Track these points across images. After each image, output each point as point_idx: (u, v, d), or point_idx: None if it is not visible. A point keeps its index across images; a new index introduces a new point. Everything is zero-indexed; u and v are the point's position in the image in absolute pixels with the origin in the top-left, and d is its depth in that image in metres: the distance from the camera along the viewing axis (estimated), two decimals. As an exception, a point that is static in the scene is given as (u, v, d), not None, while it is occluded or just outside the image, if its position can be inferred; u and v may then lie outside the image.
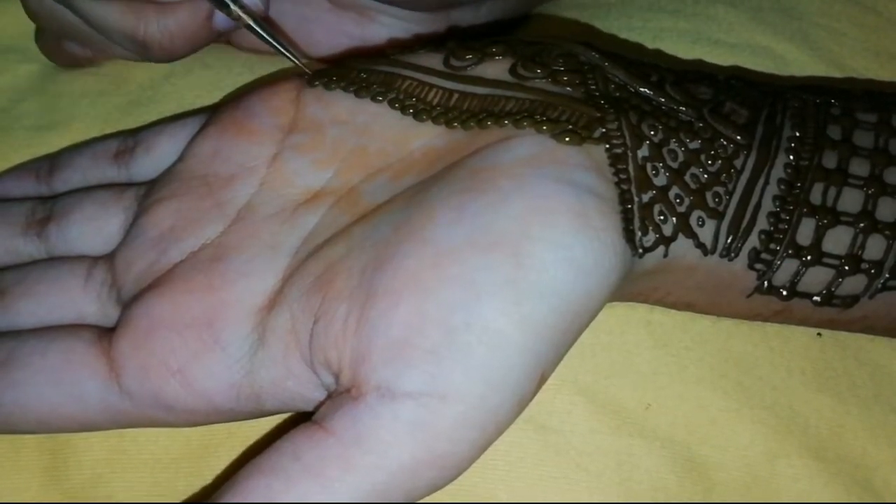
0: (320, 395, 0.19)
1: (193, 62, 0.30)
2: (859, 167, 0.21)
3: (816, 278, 0.21)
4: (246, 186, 0.22)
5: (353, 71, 0.23)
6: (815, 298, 0.21)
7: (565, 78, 0.21)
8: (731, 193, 0.20)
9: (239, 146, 0.22)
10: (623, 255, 0.19)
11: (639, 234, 0.19)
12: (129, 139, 0.25)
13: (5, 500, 0.22)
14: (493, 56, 0.22)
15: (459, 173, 0.19)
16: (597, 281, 0.18)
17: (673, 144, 0.20)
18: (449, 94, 0.21)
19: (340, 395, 0.18)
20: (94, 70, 0.31)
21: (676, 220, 0.20)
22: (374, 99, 0.22)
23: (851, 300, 0.21)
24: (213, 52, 0.31)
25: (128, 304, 0.21)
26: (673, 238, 0.20)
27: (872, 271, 0.21)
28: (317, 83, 0.23)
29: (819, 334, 0.24)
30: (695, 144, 0.20)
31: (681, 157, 0.20)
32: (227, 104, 0.24)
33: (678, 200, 0.20)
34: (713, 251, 0.20)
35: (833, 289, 0.21)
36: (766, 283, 0.21)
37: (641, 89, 0.21)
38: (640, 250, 0.19)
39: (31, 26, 0.33)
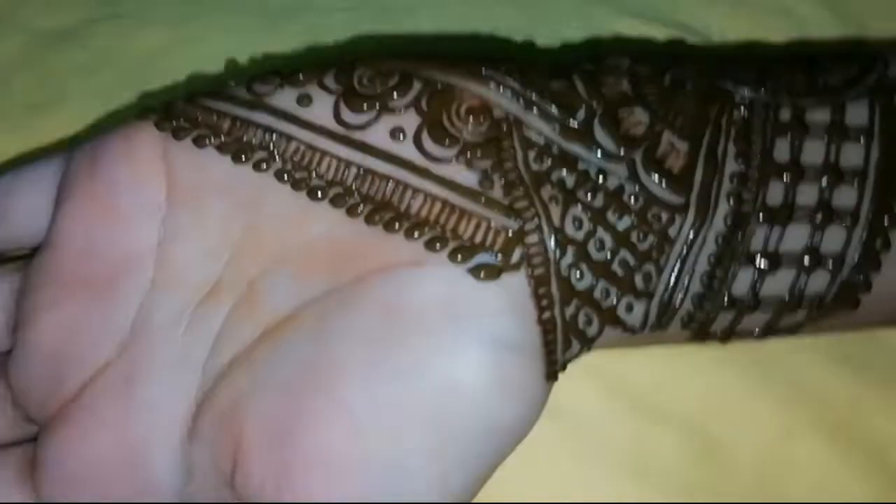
0: None
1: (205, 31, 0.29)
2: (807, 194, 0.19)
3: (754, 320, 0.19)
4: (135, 288, 0.20)
5: (225, 120, 0.20)
6: (755, 332, 0.20)
7: (479, 155, 0.18)
8: (662, 269, 0.18)
9: (114, 237, 0.20)
10: (545, 391, 0.18)
11: (561, 357, 0.18)
12: None
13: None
14: (393, 111, 0.19)
15: (370, 307, 0.18)
16: (518, 432, 0.18)
17: (601, 232, 0.18)
18: (346, 166, 0.19)
19: None
20: (84, 43, 0.30)
21: (602, 317, 0.18)
22: (256, 168, 0.19)
23: (795, 328, 0.20)
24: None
25: (41, 440, 0.20)
26: (598, 335, 0.18)
27: (813, 304, 0.19)
28: (183, 136, 0.20)
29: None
30: (625, 223, 0.18)
31: (609, 245, 0.18)
32: (80, 164, 0.20)
33: (605, 295, 0.18)
34: (642, 329, 0.19)
35: (772, 325, 0.20)
36: (701, 335, 0.20)
37: (566, 146, 0.19)
38: (563, 368, 0.18)
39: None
